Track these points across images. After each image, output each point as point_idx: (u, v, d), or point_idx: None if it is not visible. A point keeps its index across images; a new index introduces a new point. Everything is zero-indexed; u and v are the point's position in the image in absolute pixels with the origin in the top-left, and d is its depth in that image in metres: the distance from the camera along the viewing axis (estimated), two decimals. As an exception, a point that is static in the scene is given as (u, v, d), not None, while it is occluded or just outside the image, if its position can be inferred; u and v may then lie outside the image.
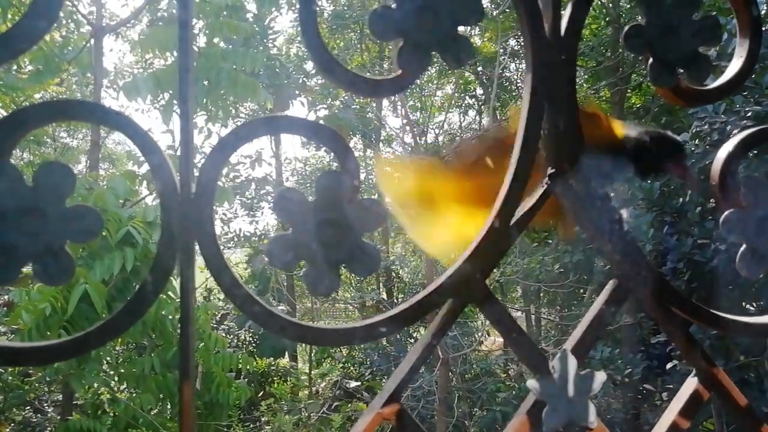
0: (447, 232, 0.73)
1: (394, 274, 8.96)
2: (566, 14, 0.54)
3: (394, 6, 0.49)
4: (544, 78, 0.53)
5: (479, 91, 9.24)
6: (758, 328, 0.56)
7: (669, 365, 4.24)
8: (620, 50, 6.73)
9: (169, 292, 3.47)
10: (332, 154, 0.49)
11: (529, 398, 0.51)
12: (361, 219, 0.47)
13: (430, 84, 9.42)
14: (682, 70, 0.55)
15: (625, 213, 0.51)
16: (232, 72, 3.50)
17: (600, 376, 0.51)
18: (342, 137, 0.46)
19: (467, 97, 9.47)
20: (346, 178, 0.47)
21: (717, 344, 3.80)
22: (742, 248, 0.55)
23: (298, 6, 0.48)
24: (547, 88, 0.54)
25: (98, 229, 0.42)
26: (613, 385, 5.04)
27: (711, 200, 4.30)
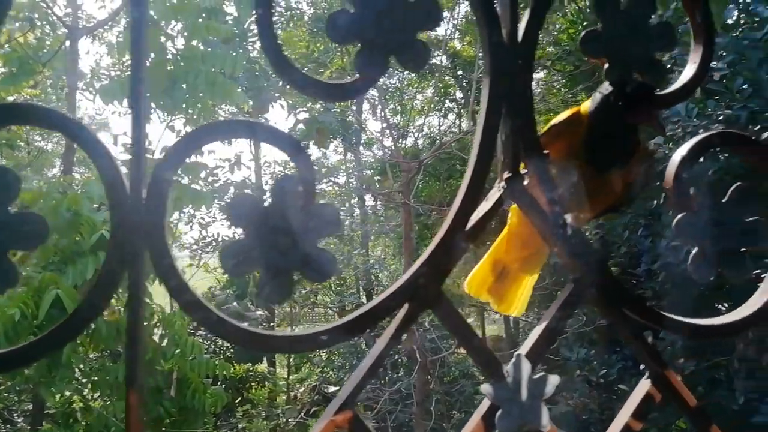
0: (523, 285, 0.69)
1: (373, 278, 8.96)
2: (523, 20, 0.55)
3: (352, 10, 0.49)
4: (501, 83, 0.54)
5: (459, 94, 9.29)
6: (700, 330, 0.57)
7: (643, 365, 4.29)
8: (596, 55, 6.80)
9: (146, 298, 3.42)
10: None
11: (484, 402, 0.51)
12: (317, 225, 0.47)
13: (410, 88, 9.45)
14: (638, 75, 0.56)
15: (569, 217, 0.51)
16: (211, 74, 3.47)
17: (553, 380, 0.51)
18: (298, 141, 0.46)
19: (447, 101, 9.52)
20: (302, 183, 0.47)
21: (689, 344, 3.86)
22: (693, 251, 0.55)
23: (257, 13, 0.48)
24: (504, 93, 0.54)
25: (44, 236, 0.41)
26: (588, 386, 5.10)
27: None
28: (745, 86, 3.59)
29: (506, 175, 0.54)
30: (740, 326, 0.57)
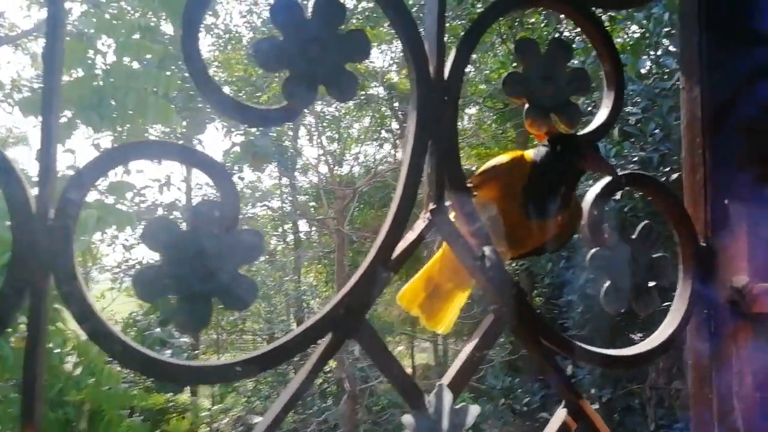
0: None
1: (305, 305, 8.82)
2: (450, 57, 0.57)
3: (281, 38, 0.49)
4: (427, 118, 0.55)
5: (395, 125, 9.44)
6: (610, 360, 0.59)
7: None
8: (525, 94, 7.13)
9: (59, 323, 3.21)
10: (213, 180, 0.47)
11: (404, 434, 0.51)
12: (238, 250, 0.46)
13: (347, 116, 9.53)
14: (555, 116, 0.59)
15: (488, 250, 0.53)
16: (142, 93, 3.36)
17: (474, 410, 0.52)
18: (220, 164, 0.45)
19: (383, 131, 9.65)
20: (223, 207, 0.46)
21: (606, 372, 4.03)
22: (606, 285, 0.58)
23: (182, 31, 0.47)
24: (430, 128, 0.55)
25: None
26: (512, 414, 5.19)
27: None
28: (656, 131, 3.87)
29: (431, 207, 0.55)
30: (648, 356, 0.60)
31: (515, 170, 0.64)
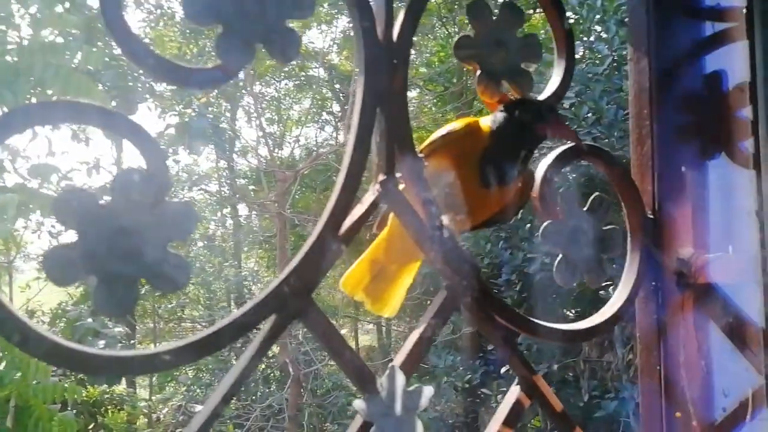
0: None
1: (246, 290, 8.66)
2: (399, 20, 0.53)
3: (214, -11, 0.44)
4: (376, 82, 0.52)
5: (336, 107, 9.33)
6: (569, 334, 0.58)
7: (503, 370, 4.58)
8: (464, 78, 7.22)
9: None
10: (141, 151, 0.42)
11: (356, 420, 0.48)
12: (168, 226, 0.41)
13: (287, 98, 9.33)
14: (506, 83, 0.57)
15: (445, 219, 0.50)
16: (63, 69, 3.14)
17: (427, 391, 0.49)
18: (144, 129, 0.40)
19: (324, 113, 9.52)
20: (151, 177, 0.41)
21: (542, 347, 4.17)
22: (558, 258, 0.57)
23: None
24: (379, 93, 0.52)
25: None
26: (455, 392, 5.30)
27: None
28: (589, 114, 3.99)
29: (381, 177, 0.52)
30: (602, 328, 0.59)
31: (470, 137, 0.61)
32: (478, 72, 0.56)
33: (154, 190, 0.41)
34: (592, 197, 0.60)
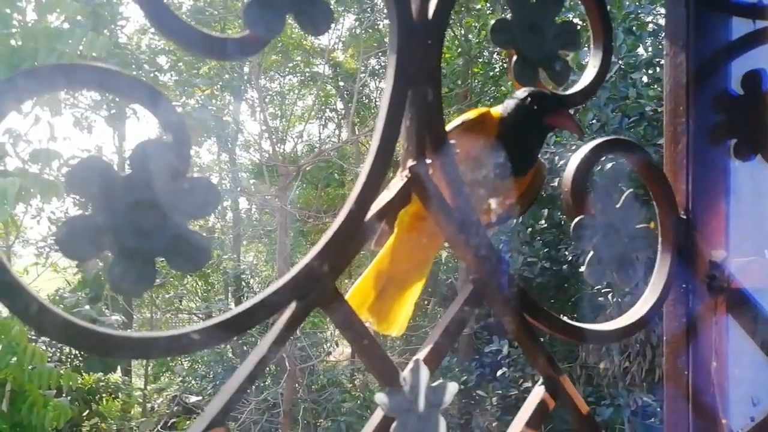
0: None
1: (244, 284, 8.63)
2: (434, -2, 0.51)
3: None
4: (408, 63, 0.49)
5: (339, 105, 9.31)
6: (599, 334, 0.56)
7: (499, 372, 4.56)
8: (469, 80, 7.20)
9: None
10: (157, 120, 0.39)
11: (376, 414, 0.45)
12: (189, 201, 0.39)
13: (291, 93, 9.30)
14: (542, 71, 0.54)
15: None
16: (66, 55, 3.11)
17: (452, 387, 0.47)
18: (163, 94, 0.37)
19: (327, 110, 9.50)
20: (174, 149, 0.38)
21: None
22: (589, 255, 0.54)
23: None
24: (411, 74, 0.49)
25: None
26: (451, 393, 5.29)
27: (540, 222, 4.75)
28: (594, 121, 3.97)
29: (410, 163, 0.49)
30: (628, 331, 0.57)
31: (482, 124, 0.60)
32: (515, 57, 0.54)
33: (176, 162, 0.38)
34: (625, 194, 0.58)
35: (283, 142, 8.97)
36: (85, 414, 6.59)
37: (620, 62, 4.03)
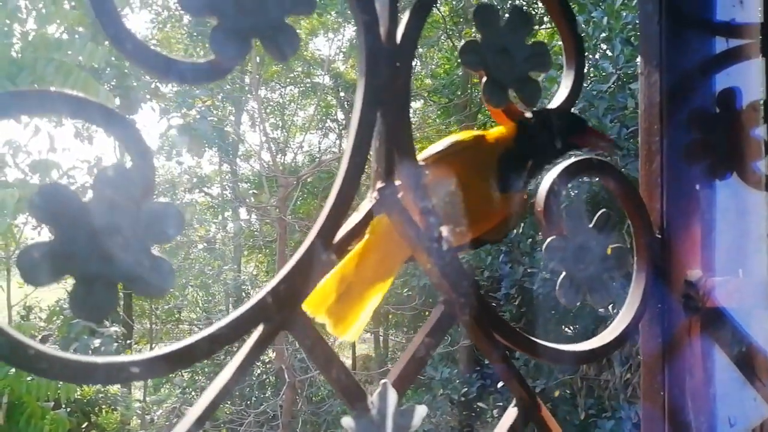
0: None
1: (244, 294, 8.63)
2: (403, 22, 0.51)
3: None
4: (377, 86, 0.49)
5: (340, 115, 9.34)
6: (570, 355, 0.56)
7: (500, 384, 4.54)
8: (469, 90, 7.23)
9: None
10: (124, 147, 0.40)
11: (343, 438, 0.45)
12: (152, 226, 0.39)
13: (291, 104, 9.34)
14: (513, 93, 0.55)
15: (445, 230, 0.48)
16: (65, 65, 3.13)
17: (420, 410, 0.47)
18: (129, 120, 0.38)
19: (328, 121, 9.53)
20: (136, 173, 0.39)
21: (541, 363, 4.13)
22: (561, 276, 0.54)
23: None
24: (380, 96, 0.50)
25: None
26: (450, 404, 5.26)
27: (540, 232, 4.74)
28: (592, 131, 3.97)
29: (379, 184, 0.49)
30: (603, 351, 0.57)
31: (481, 147, 0.59)
32: (484, 79, 0.54)
33: (137, 189, 0.38)
34: (598, 213, 0.58)
35: (284, 153, 9.00)
36: (84, 426, 6.57)
37: (618, 72, 4.05)
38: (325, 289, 0.60)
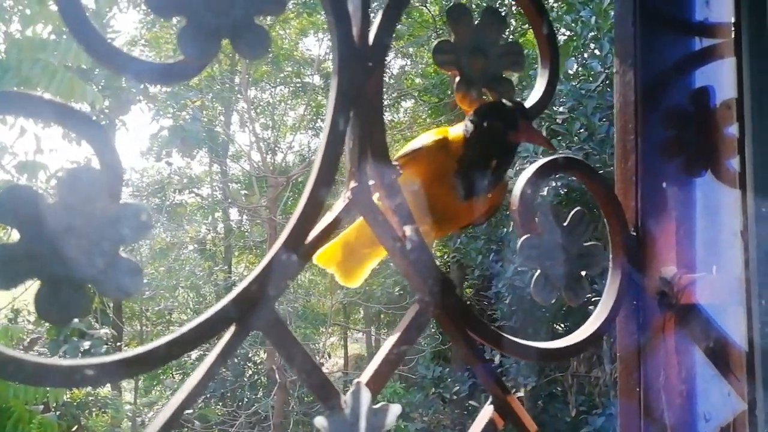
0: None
1: (235, 296, 8.60)
2: (376, 22, 0.51)
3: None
4: (350, 86, 0.50)
5: (331, 114, 9.30)
6: (544, 353, 0.56)
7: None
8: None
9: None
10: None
11: (317, 438, 0.45)
12: (120, 227, 0.39)
13: (282, 104, 9.32)
14: (486, 91, 0.55)
15: (408, 230, 0.48)
16: (51, 66, 3.10)
17: (394, 409, 0.47)
18: (97, 122, 0.37)
19: (319, 120, 9.52)
20: (104, 175, 0.39)
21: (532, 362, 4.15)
22: (536, 274, 0.55)
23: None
24: (353, 97, 0.50)
25: None
26: (442, 403, 5.27)
27: (532, 231, 4.76)
28: (581, 130, 4.01)
29: (352, 184, 0.50)
30: (578, 348, 0.57)
31: (442, 150, 0.59)
32: (457, 79, 0.54)
33: (105, 189, 0.38)
34: (572, 212, 0.59)
35: (274, 153, 8.98)
36: (74, 429, 6.52)
37: (607, 71, 4.08)
38: (333, 250, 0.66)
